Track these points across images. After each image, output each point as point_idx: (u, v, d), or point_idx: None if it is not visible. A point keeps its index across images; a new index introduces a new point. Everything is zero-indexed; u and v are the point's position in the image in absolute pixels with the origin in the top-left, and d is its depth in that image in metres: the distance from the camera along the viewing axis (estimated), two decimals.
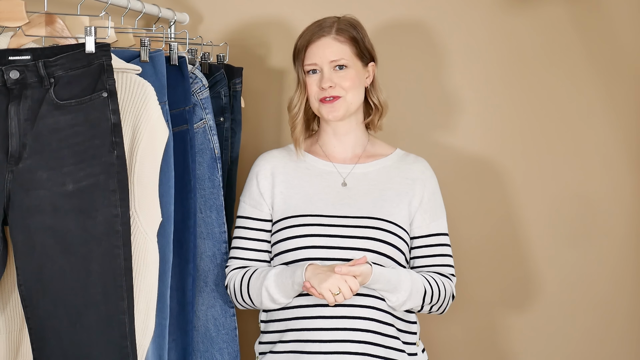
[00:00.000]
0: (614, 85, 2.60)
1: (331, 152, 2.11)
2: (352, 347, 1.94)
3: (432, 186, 2.10)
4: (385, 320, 1.98)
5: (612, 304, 2.64)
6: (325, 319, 1.96)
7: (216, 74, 2.33)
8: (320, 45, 2.04)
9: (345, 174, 2.07)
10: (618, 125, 2.61)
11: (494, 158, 2.63)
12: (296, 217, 2.03)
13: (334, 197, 2.04)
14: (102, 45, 1.73)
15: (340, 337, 1.94)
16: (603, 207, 2.63)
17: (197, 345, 2.17)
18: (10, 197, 1.70)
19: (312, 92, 2.05)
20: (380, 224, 2.00)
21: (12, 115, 1.70)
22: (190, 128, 2.05)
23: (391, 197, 2.04)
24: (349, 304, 1.95)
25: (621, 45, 2.59)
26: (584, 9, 2.58)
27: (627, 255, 2.63)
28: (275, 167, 2.10)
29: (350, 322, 1.95)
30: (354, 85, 2.03)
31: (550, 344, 2.65)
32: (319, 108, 2.05)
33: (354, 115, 2.08)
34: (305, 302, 1.98)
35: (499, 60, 2.62)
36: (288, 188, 2.07)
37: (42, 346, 1.74)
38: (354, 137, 2.11)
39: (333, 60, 2.03)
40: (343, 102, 2.03)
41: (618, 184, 2.62)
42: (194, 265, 2.06)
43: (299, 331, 1.98)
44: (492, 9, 2.60)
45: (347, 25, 2.05)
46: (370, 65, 2.09)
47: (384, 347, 1.97)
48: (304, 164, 2.11)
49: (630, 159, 2.61)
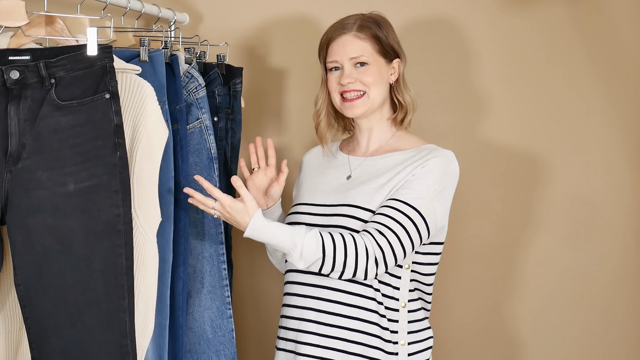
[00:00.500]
0: (614, 85, 2.60)
1: (356, 146, 2.13)
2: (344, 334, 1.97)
3: (428, 167, 1.96)
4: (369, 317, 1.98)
5: (612, 304, 2.64)
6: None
7: (210, 73, 2.33)
8: (340, 43, 2.04)
9: (355, 167, 2.08)
10: (618, 125, 2.61)
11: (494, 158, 2.63)
12: (295, 206, 2.10)
13: (335, 188, 2.06)
14: (105, 47, 1.73)
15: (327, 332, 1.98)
16: (603, 207, 2.63)
17: (193, 347, 2.16)
18: (9, 196, 1.70)
19: (332, 87, 2.06)
20: (349, 211, 1.97)
21: (11, 115, 1.70)
22: (181, 127, 2.04)
23: (380, 184, 1.98)
24: (324, 297, 1.98)
25: (621, 45, 2.59)
26: (584, 9, 2.58)
27: (627, 255, 2.63)
28: (307, 162, 2.21)
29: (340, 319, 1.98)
30: (376, 82, 2.03)
31: (550, 343, 2.65)
32: (341, 106, 2.06)
33: (378, 111, 2.08)
34: (291, 302, 2.03)
35: (499, 60, 2.62)
36: (306, 179, 2.15)
37: (42, 345, 1.74)
38: (377, 132, 2.10)
39: (353, 57, 2.03)
40: (366, 99, 2.03)
41: (618, 184, 2.62)
42: (184, 269, 2.05)
43: (283, 329, 2.06)
44: (491, 8, 2.60)
45: (370, 22, 2.05)
46: (395, 62, 2.08)
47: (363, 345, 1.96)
48: (330, 159, 2.16)
49: (630, 159, 2.61)
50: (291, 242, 1.89)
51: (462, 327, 2.67)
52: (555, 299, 2.65)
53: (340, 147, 2.18)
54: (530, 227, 2.64)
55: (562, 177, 2.63)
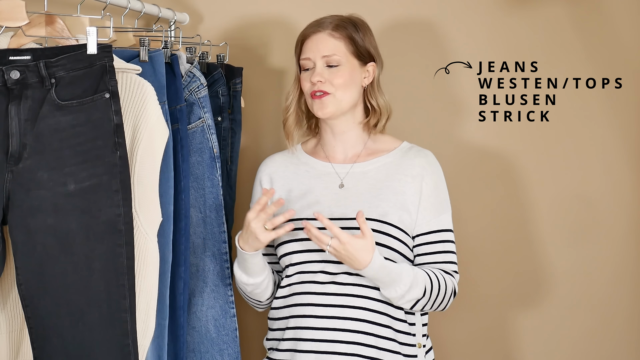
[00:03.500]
0: (614, 85, 2.60)
1: (331, 152, 2.09)
2: (344, 348, 1.93)
3: (433, 181, 2.04)
4: (380, 321, 1.96)
5: (612, 303, 2.64)
6: (319, 318, 1.95)
7: (214, 73, 2.33)
8: (314, 40, 2.03)
9: (343, 175, 2.05)
10: (618, 125, 2.61)
11: (494, 158, 2.63)
12: (294, 221, 2.00)
13: (331, 199, 2.02)
14: (104, 46, 1.73)
15: (332, 337, 1.94)
16: (603, 207, 2.63)
17: (197, 346, 2.16)
18: (10, 197, 1.70)
19: (305, 87, 2.04)
20: (373, 225, 1.97)
21: (12, 115, 1.70)
22: (181, 127, 2.04)
23: (388, 196, 2.01)
24: (343, 304, 1.95)
25: (621, 45, 2.59)
26: (584, 9, 2.58)
27: (627, 255, 2.63)
28: (275, 172, 2.10)
29: (342, 322, 1.94)
30: (346, 84, 2.01)
31: (550, 343, 2.65)
32: (311, 104, 2.03)
33: (350, 114, 2.05)
34: (301, 300, 1.98)
35: (499, 60, 2.61)
36: (287, 192, 2.07)
37: (43, 345, 1.74)
38: (353, 136, 2.08)
39: (325, 56, 2.01)
40: (332, 98, 2.00)
41: (618, 184, 2.62)
42: (185, 268, 2.05)
43: (295, 329, 1.99)
44: (491, 9, 2.60)
45: (347, 23, 2.04)
46: (370, 66, 2.06)
47: (377, 349, 1.95)
48: (304, 167, 2.10)
49: (630, 159, 2.61)
50: (413, 281, 1.94)
51: (462, 327, 2.66)
52: (555, 299, 2.65)
53: (309, 153, 2.12)
54: (530, 227, 2.64)
55: (562, 177, 2.63)
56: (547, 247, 2.64)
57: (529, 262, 2.64)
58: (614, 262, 2.63)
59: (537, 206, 2.63)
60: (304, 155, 2.12)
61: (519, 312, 2.66)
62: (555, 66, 2.60)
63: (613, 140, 2.61)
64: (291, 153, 2.13)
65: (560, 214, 2.63)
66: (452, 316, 2.59)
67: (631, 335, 2.64)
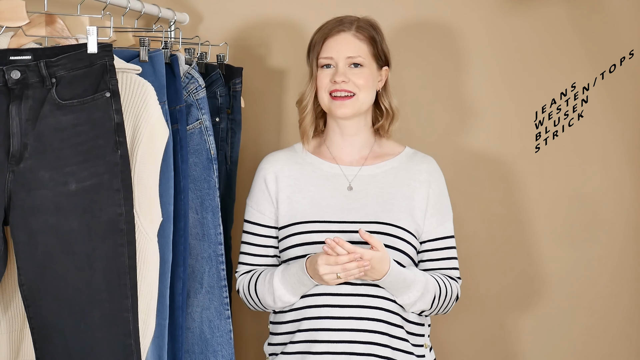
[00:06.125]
0: (614, 85, 2.60)
1: (338, 153, 2.08)
2: (360, 348, 1.94)
3: (439, 188, 2.07)
4: (394, 321, 1.97)
5: (612, 304, 2.64)
6: (333, 319, 1.95)
7: (212, 74, 2.32)
8: (338, 40, 2.01)
9: (351, 177, 2.05)
10: (618, 125, 2.61)
11: (494, 158, 2.63)
12: (303, 224, 2.00)
13: (341, 201, 2.02)
14: (105, 46, 1.73)
15: (348, 337, 1.94)
16: (603, 207, 2.63)
17: (191, 347, 2.16)
18: (11, 197, 1.69)
19: (322, 84, 2.01)
20: (387, 229, 1.98)
21: (13, 115, 1.69)
22: (181, 128, 2.03)
23: (399, 201, 2.02)
24: (358, 304, 1.95)
25: (621, 45, 2.59)
26: (583, 9, 2.59)
27: (627, 255, 2.64)
28: (280, 171, 2.08)
29: (358, 322, 1.94)
30: (367, 85, 2.01)
31: (550, 343, 2.65)
32: (329, 104, 2.01)
33: (362, 116, 2.05)
34: (314, 302, 1.97)
35: (499, 60, 2.62)
36: (294, 192, 2.05)
37: (45, 345, 1.74)
38: (362, 138, 2.08)
39: (350, 57, 2.00)
40: (356, 100, 2.00)
41: (618, 184, 2.62)
42: (184, 269, 2.04)
43: (308, 331, 1.98)
44: (491, 9, 2.60)
45: (367, 25, 2.04)
46: (384, 70, 2.07)
47: (392, 349, 1.96)
48: (309, 167, 2.08)
49: (630, 159, 2.61)
50: (425, 287, 1.96)
51: (462, 328, 2.67)
52: (555, 299, 2.65)
53: (313, 153, 2.10)
54: (530, 227, 2.64)
55: (562, 177, 2.63)
56: (547, 247, 2.64)
57: (529, 263, 2.64)
58: (614, 262, 2.64)
59: (537, 206, 2.64)
60: (309, 155, 2.10)
61: (519, 312, 2.66)
62: (555, 66, 2.60)
63: (613, 140, 2.61)
64: (294, 152, 2.12)
65: (560, 214, 2.63)
66: (452, 317, 2.60)
67: (631, 335, 2.65)
